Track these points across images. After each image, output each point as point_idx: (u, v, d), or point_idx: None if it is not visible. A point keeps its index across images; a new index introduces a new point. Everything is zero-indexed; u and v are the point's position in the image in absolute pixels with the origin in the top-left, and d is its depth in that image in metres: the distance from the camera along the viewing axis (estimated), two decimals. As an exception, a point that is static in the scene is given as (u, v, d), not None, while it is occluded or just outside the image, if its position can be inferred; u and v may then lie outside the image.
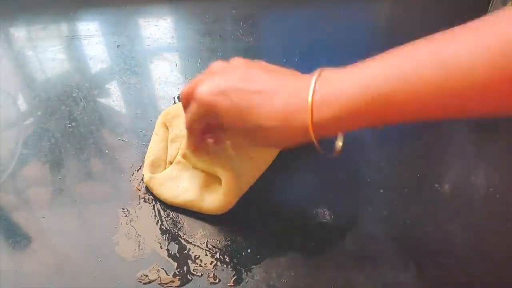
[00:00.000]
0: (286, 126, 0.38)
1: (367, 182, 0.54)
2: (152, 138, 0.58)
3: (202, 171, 0.53)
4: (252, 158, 0.53)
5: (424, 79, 0.32)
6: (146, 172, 0.54)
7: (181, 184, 0.53)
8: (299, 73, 0.42)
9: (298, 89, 0.38)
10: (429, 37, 0.34)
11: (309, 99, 0.36)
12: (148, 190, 0.54)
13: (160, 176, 0.53)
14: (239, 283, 0.46)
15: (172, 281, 0.46)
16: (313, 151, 0.39)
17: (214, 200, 0.51)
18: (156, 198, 0.53)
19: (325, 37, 0.75)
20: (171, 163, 0.55)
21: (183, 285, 0.46)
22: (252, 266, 0.47)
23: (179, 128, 0.57)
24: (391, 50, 0.36)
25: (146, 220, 0.51)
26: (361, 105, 0.34)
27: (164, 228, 0.51)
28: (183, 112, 0.59)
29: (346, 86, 0.36)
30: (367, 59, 0.37)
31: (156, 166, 0.55)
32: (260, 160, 0.54)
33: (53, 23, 0.80)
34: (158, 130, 0.58)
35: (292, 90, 0.38)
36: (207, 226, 0.51)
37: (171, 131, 0.57)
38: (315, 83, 0.37)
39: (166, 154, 0.56)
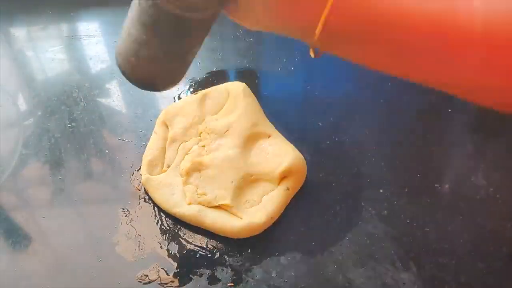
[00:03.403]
0: None
1: (367, 182, 0.54)
2: (151, 137, 0.58)
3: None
4: (288, 189, 0.52)
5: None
6: (144, 172, 0.54)
7: (176, 192, 0.52)
8: None
9: None
10: None
11: None
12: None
13: (156, 179, 0.53)
14: (239, 283, 0.46)
15: (172, 281, 0.46)
16: (314, 152, 0.39)
17: (233, 224, 0.49)
18: (156, 198, 0.53)
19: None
20: (168, 166, 0.55)
21: (183, 285, 0.46)
22: (252, 266, 0.47)
23: (179, 126, 0.57)
24: None
25: (146, 220, 0.51)
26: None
27: (164, 228, 0.51)
28: (183, 110, 0.59)
29: None
30: None
31: (153, 166, 0.55)
32: (293, 190, 0.52)
33: (53, 23, 0.80)
34: (157, 129, 0.58)
35: None
36: (207, 226, 0.51)
37: (171, 130, 0.57)
38: None
39: (164, 154, 0.56)
